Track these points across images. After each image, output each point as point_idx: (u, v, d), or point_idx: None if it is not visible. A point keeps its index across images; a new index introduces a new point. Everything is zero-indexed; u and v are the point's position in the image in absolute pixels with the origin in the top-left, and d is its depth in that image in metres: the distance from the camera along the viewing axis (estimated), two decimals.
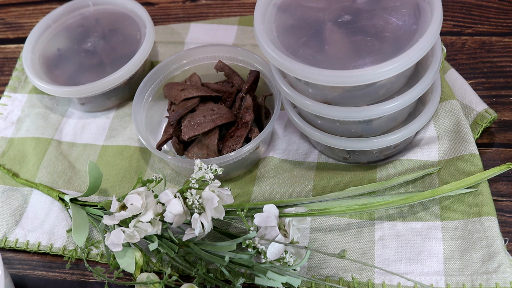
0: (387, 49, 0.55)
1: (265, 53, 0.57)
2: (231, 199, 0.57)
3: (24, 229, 0.67)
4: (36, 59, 0.78)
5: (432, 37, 0.54)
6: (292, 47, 0.57)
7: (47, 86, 0.73)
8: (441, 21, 0.55)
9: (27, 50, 0.77)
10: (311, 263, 0.59)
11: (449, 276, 0.56)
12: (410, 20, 0.57)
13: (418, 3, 0.58)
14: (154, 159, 0.71)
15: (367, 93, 0.57)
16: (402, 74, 0.57)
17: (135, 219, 0.56)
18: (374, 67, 0.52)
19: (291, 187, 0.65)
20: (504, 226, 0.59)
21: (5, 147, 0.75)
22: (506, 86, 0.69)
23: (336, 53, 0.56)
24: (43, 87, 0.73)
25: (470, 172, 0.61)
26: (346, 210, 0.59)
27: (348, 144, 0.61)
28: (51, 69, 0.77)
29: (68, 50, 0.79)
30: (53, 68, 0.77)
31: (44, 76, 0.76)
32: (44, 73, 0.76)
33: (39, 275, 0.64)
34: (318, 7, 0.60)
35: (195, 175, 0.57)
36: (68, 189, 0.69)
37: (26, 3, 0.92)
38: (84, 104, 0.76)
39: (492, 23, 0.76)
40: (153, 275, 0.58)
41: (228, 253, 0.55)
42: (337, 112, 0.57)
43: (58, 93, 0.73)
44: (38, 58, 0.78)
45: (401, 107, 0.57)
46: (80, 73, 0.76)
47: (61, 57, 0.78)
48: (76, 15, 0.82)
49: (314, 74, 0.54)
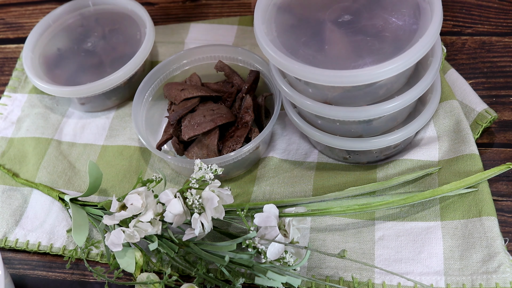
0: (387, 49, 0.55)
1: (265, 53, 0.57)
2: (231, 199, 0.57)
3: (24, 229, 0.67)
4: (36, 59, 0.78)
5: (432, 37, 0.54)
6: (292, 47, 0.57)
7: (47, 86, 0.73)
8: (441, 21, 0.55)
9: (27, 50, 0.77)
10: (311, 263, 0.59)
11: (449, 276, 0.56)
12: (410, 20, 0.57)
13: (418, 3, 0.57)
14: (154, 159, 0.71)
15: (367, 93, 0.57)
16: (402, 74, 0.57)
17: (135, 219, 0.56)
18: (374, 67, 0.52)
19: (291, 187, 0.65)
20: (504, 226, 0.59)
21: (5, 147, 0.75)
22: (506, 86, 0.69)
23: (336, 53, 0.56)
24: (43, 87, 0.73)
25: (470, 172, 0.61)
26: (346, 210, 0.59)
27: (348, 144, 0.61)
28: (51, 69, 0.77)
29: (68, 50, 0.79)
30: (53, 68, 0.77)
31: (44, 76, 0.76)
32: (44, 73, 0.76)
33: (39, 275, 0.64)
34: (318, 7, 0.60)
35: (195, 175, 0.57)
36: (68, 189, 0.69)
37: (26, 3, 0.92)
38: (84, 104, 0.76)
39: (492, 23, 0.76)
40: (153, 275, 0.58)
41: (228, 253, 0.55)
42: (337, 112, 0.57)
43: (57, 93, 0.73)
44: (38, 58, 0.78)
45: (401, 107, 0.57)
46: (80, 73, 0.76)
47: (61, 57, 0.78)
48: (76, 15, 0.82)
49: (314, 74, 0.54)
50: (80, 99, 0.75)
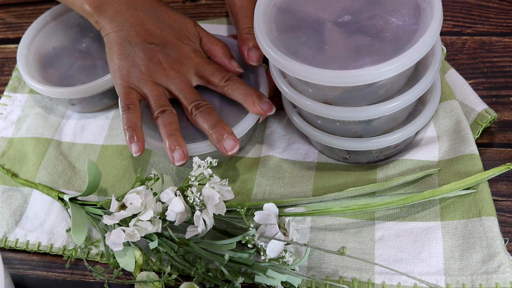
0: (387, 49, 0.55)
1: (265, 53, 0.57)
2: (231, 194, 0.57)
3: (24, 229, 0.67)
4: (31, 57, 0.77)
5: (432, 37, 0.54)
6: (292, 47, 0.57)
7: (38, 85, 0.73)
8: (441, 21, 0.55)
9: (23, 47, 0.77)
10: (311, 263, 0.59)
11: (449, 276, 0.56)
12: (410, 20, 0.57)
13: (418, 3, 0.57)
14: (154, 158, 0.71)
15: (367, 93, 0.57)
16: (402, 74, 0.57)
17: (135, 218, 0.56)
18: (374, 67, 0.52)
19: (291, 187, 0.65)
20: (504, 226, 0.59)
21: (5, 147, 0.75)
22: (506, 86, 0.69)
23: (336, 53, 0.56)
24: (34, 86, 0.73)
25: (470, 172, 0.61)
26: (346, 210, 0.59)
27: (348, 144, 0.61)
28: (44, 68, 0.76)
29: (63, 49, 0.78)
30: (47, 67, 0.77)
31: (37, 74, 0.75)
32: (37, 72, 0.76)
33: (39, 275, 0.64)
34: (318, 7, 0.60)
35: (194, 172, 0.57)
36: (68, 189, 0.69)
37: (26, 3, 0.92)
38: (75, 105, 0.75)
39: (492, 23, 0.76)
40: (152, 274, 0.58)
41: (228, 251, 0.55)
42: (337, 112, 0.57)
43: (48, 93, 0.72)
44: (33, 56, 0.77)
45: (401, 107, 0.57)
46: (72, 74, 0.75)
47: (55, 56, 0.77)
48: (75, 14, 0.81)
49: (314, 74, 0.54)
50: (71, 100, 0.75)
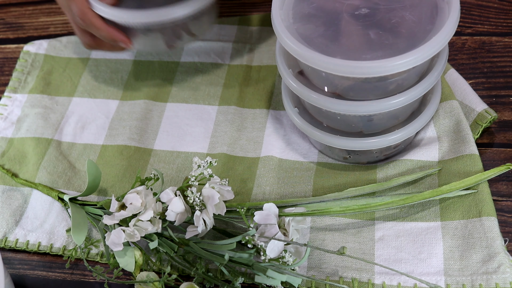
0: (400, 45, 0.55)
1: (280, 38, 0.57)
2: (231, 194, 0.57)
3: (24, 229, 0.67)
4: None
5: (447, 35, 0.54)
6: (307, 35, 0.57)
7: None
8: (458, 21, 0.55)
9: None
10: (311, 263, 0.59)
11: (449, 276, 0.56)
12: (426, 18, 0.57)
13: (436, 2, 0.58)
14: (154, 158, 0.71)
15: (377, 87, 0.57)
16: (413, 71, 0.57)
17: (135, 218, 0.57)
18: (387, 60, 0.52)
19: (291, 187, 0.65)
20: (504, 226, 0.59)
21: (5, 147, 0.75)
22: (506, 86, 0.69)
23: (349, 45, 0.57)
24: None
25: (470, 172, 0.61)
26: (346, 210, 0.59)
27: (348, 143, 0.61)
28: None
29: None
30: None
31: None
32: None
33: (39, 275, 0.64)
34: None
35: (194, 172, 0.57)
36: (68, 189, 0.69)
37: (26, 3, 0.92)
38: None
39: (492, 23, 0.76)
40: (152, 274, 0.58)
41: (228, 251, 0.55)
42: (339, 105, 0.57)
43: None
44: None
45: (402, 104, 0.57)
46: None
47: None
48: None
49: (325, 63, 0.54)
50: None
